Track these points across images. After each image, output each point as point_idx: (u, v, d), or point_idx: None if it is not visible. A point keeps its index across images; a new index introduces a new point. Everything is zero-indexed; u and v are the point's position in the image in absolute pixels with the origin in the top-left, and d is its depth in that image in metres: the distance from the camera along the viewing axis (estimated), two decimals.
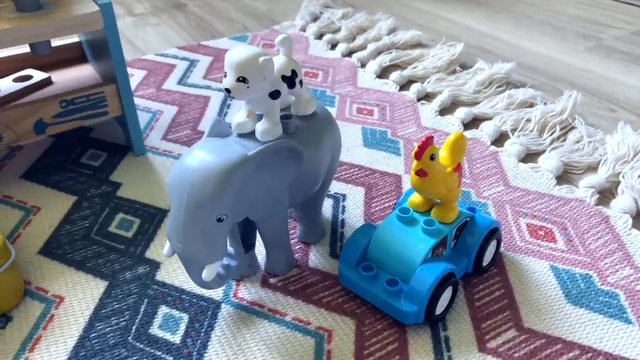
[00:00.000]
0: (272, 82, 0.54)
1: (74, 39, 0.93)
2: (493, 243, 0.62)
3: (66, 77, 0.87)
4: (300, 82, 0.58)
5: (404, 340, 0.55)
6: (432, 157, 0.54)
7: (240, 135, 0.56)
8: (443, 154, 0.58)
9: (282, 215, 0.60)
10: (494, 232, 0.61)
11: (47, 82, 0.84)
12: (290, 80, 0.57)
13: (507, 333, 0.56)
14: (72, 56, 0.92)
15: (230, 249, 0.61)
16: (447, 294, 0.56)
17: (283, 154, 0.54)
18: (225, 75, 0.52)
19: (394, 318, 0.57)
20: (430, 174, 0.54)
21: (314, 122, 0.60)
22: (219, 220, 0.51)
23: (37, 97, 0.78)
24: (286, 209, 0.60)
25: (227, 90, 0.52)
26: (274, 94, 0.55)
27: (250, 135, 0.56)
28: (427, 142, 0.53)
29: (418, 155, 0.53)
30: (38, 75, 0.84)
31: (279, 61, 0.57)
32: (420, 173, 0.54)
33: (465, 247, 0.60)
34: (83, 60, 0.92)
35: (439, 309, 0.56)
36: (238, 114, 0.57)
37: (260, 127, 0.55)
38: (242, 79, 0.51)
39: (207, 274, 0.53)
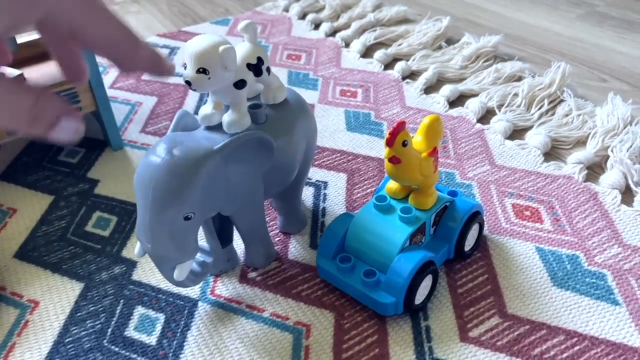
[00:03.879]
0: (237, 71, 0.52)
1: None
2: (475, 227, 0.60)
3: (39, 73, 0.85)
4: (268, 70, 0.56)
5: (383, 332, 0.54)
6: (404, 144, 0.52)
7: (208, 128, 0.54)
8: (418, 139, 0.56)
9: (257, 208, 0.58)
10: (475, 216, 0.59)
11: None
12: (257, 68, 0.55)
13: (490, 320, 0.54)
14: (45, 51, 0.90)
15: (205, 245, 0.60)
16: (427, 282, 0.54)
17: (251, 145, 0.52)
18: (185, 67, 0.50)
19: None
20: (403, 161, 0.52)
21: (286, 109, 0.58)
22: (187, 218, 0.49)
23: None
24: (261, 201, 0.58)
25: (188, 83, 0.50)
26: (239, 84, 0.52)
27: (218, 127, 0.54)
28: (398, 128, 0.51)
29: (389, 143, 0.51)
30: (10, 73, 0.82)
31: (243, 49, 0.55)
32: (393, 160, 0.52)
33: (446, 233, 0.58)
34: None
35: (419, 299, 0.54)
36: (204, 106, 0.55)
37: (226, 118, 0.53)
38: (202, 70, 0.49)
39: (178, 273, 0.51)
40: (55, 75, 0.84)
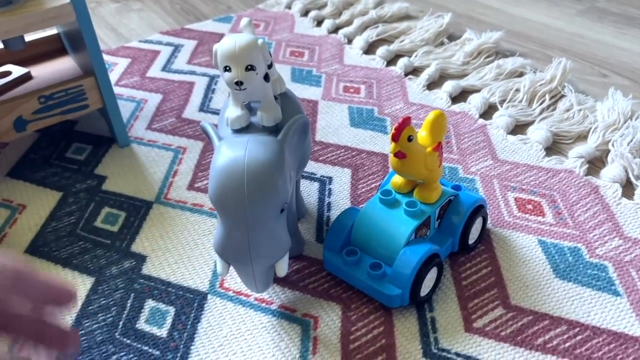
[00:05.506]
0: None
1: (52, 30, 0.92)
2: (479, 221, 0.61)
3: (46, 71, 0.86)
4: (271, 64, 0.57)
5: (390, 324, 0.55)
6: (409, 139, 0.53)
7: (236, 131, 0.54)
8: (423, 134, 0.57)
9: (290, 194, 0.58)
10: (478, 210, 0.60)
11: (26, 77, 0.83)
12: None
13: (494, 311, 0.56)
14: (52, 49, 0.91)
15: None
16: (432, 275, 0.56)
17: (301, 129, 0.54)
18: (227, 70, 0.50)
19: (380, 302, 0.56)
20: (409, 156, 0.53)
21: (287, 98, 0.59)
22: (282, 210, 0.50)
23: (15, 94, 0.77)
24: (292, 187, 0.57)
25: (238, 83, 0.50)
26: (266, 77, 0.53)
27: (245, 129, 0.54)
28: (404, 123, 0.52)
29: (395, 138, 0.52)
30: (17, 71, 0.83)
31: None
32: (398, 155, 0.53)
33: (450, 226, 0.59)
34: (63, 52, 0.91)
35: (424, 291, 0.55)
36: (230, 109, 0.54)
37: (264, 113, 0.53)
38: (250, 67, 0.50)
39: (282, 268, 0.51)
40: (63, 72, 0.85)
